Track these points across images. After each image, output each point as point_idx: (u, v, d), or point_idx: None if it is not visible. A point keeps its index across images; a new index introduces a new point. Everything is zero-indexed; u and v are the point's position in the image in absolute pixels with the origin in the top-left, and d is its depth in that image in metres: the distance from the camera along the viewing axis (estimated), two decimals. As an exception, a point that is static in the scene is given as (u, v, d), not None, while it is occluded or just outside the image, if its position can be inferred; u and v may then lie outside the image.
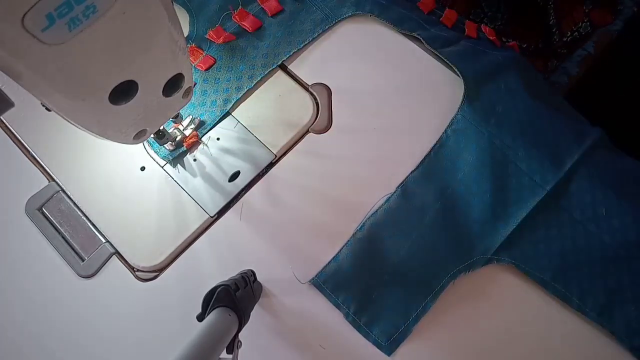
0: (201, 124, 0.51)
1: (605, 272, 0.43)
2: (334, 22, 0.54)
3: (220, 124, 0.51)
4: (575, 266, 0.44)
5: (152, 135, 0.45)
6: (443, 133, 0.48)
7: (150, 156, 0.50)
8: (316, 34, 0.53)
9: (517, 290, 0.45)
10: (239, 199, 0.48)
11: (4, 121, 0.51)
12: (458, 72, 0.50)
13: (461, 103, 0.49)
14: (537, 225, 0.45)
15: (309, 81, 0.52)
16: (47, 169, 0.50)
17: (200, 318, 0.35)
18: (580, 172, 0.45)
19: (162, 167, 0.50)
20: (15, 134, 0.51)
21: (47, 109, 0.33)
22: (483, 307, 0.44)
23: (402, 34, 0.54)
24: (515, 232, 0.44)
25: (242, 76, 0.52)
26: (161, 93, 0.36)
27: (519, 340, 0.43)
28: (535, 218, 0.45)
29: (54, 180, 0.49)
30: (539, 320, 0.44)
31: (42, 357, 0.45)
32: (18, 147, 0.51)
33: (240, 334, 0.36)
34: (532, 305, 0.44)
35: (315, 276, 0.45)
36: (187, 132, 0.50)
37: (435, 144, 0.48)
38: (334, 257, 0.46)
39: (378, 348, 0.43)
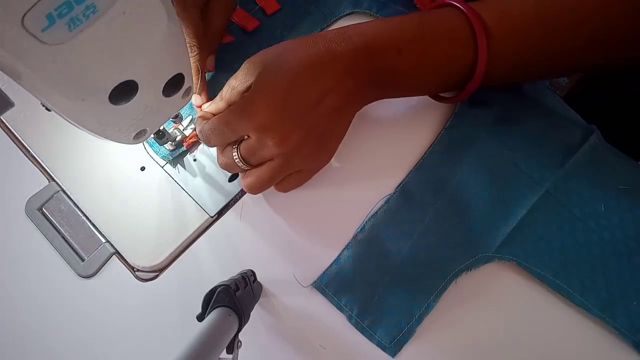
0: (201, 123, 0.51)
1: (606, 268, 0.43)
2: (332, 20, 0.54)
3: (220, 123, 0.51)
4: (576, 263, 0.44)
5: (152, 135, 0.45)
6: (442, 133, 0.48)
7: (150, 156, 0.50)
8: (314, 33, 0.53)
9: (519, 288, 0.45)
10: (239, 199, 0.49)
11: (4, 121, 0.51)
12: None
13: (459, 103, 0.49)
14: (537, 222, 0.45)
15: (308, 81, 0.52)
16: (47, 169, 0.50)
17: (200, 318, 0.35)
18: (578, 170, 0.45)
19: (162, 167, 0.50)
20: (15, 134, 0.51)
21: (47, 109, 0.33)
22: (486, 305, 0.44)
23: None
24: (515, 229, 0.44)
25: (241, 76, 0.52)
26: (161, 93, 0.36)
27: (522, 337, 0.43)
28: (535, 216, 0.45)
29: (54, 180, 0.49)
30: (541, 317, 0.44)
31: (43, 356, 0.45)
32: (18, 147, 0.50)
33: (240, 334, 0.36)
34: (534, 302, 0.44)
35: (317, 279, 0.45)
36: (187, 132, 0.50)
37: (434, 144, 0.48)
38: (335, 260, 0.46)
39: (382, 349, 0.43)
